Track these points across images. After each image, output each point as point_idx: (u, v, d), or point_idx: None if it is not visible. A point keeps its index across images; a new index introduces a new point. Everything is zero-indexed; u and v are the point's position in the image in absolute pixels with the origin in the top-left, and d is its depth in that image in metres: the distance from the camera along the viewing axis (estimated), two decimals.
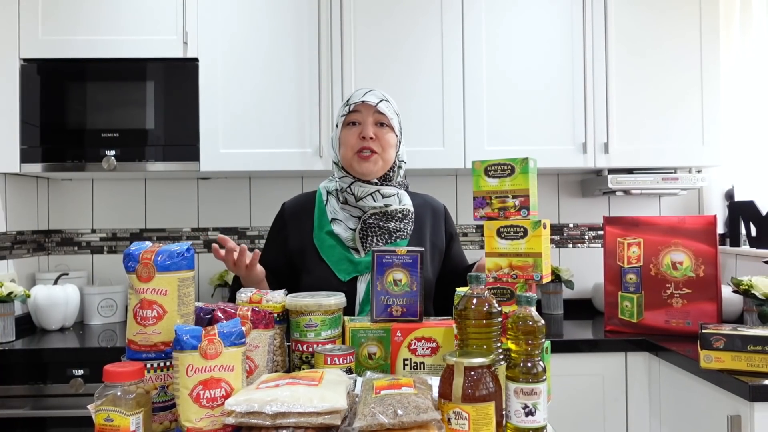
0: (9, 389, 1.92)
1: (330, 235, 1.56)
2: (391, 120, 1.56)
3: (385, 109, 1.55)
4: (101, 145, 2.23)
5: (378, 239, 1.53)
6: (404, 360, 1.20)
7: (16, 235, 2.38)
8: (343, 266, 1.52)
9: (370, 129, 1.53)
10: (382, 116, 1.55)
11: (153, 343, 1.05)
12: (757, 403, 1.47)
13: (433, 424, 0.90)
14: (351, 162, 1.55)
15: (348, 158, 1.56)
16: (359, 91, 1.59)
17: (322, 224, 1.58)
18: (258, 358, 1.14)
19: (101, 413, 0.95)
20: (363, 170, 1.54)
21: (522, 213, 1.19)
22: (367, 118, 1.54)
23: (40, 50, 2.24)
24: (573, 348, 2.00)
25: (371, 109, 1.54)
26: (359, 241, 1.53)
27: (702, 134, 2.33)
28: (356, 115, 1.55)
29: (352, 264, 1.52)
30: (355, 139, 1.54)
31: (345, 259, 1.53)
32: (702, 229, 2.03)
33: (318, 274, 1.53)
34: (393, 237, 1.55)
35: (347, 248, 1.54)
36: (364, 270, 1.51)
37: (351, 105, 1.56)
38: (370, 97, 1.55)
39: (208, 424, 0.96)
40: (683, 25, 2.33)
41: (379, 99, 1.55)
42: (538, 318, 1.00)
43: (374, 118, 1.55)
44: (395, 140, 1.58)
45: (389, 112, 1.56)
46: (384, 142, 1.55)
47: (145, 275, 1.05)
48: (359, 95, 1.57)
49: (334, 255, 1.54)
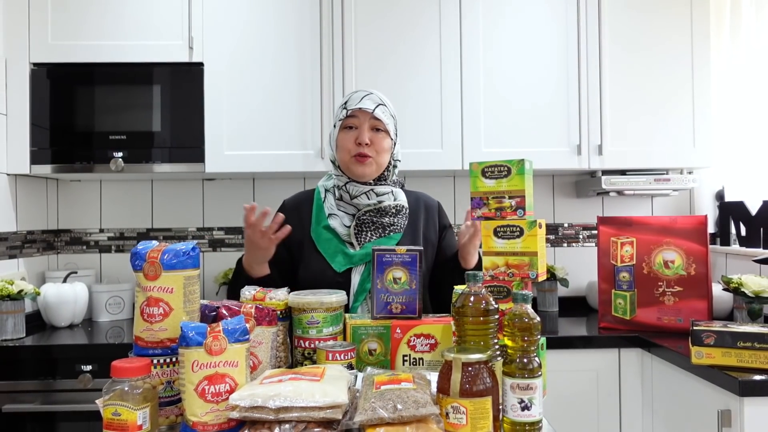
0: (19, 384, 1.92)
1: (327, 230, 1.57)
2: (387, 125, 1.56)
3: (381, 114, 1.54)
4: (109, 147, 2.23)
5: (372, 233, 1.55)
6: (404, 356, 1.20)
7: (27, 235, 2.38)
8: (338, 258, 1.54)
9: (365, 135, 1.53)
10: (378, 122, 1.55)
11: (159, 339, 1.05)
12: (746, 397, 1.47)
13: (432, 418, 0.91)
14: (347, 165, 1.56)
15: (345, 161, 1.56)
16: (357, 95, 1.58)
17: (319, 219, 1.59)
18: (261, 354, 1.14)
19: (109, 408, 0.95)
20: (358, 173, 1.55)
21: (518, 213, 1.19)
22: (364, 124, 1.54)
23: (49, 55, 2.24)
24: (568, 344, 2.00)
25: (368, 115, 1.54)
26: (354, 236, 1.54)
27: (693, 136, 2.33)
28: (353, 120, 1.55)
29: (347, 256, 1.53)
30: (352, 143, 1.54)
31: (340, 251, 1.54)
32: (693, 228, 2.03)
33: (315, 266, 1.55)
34: (387, 231, 1.56)
35: (343, 242, 1.56)
36: (358, 262, 1.52)
37: (348, 110, 1.55)
38: (367, 103, 1.54)
39: (213, 419, 0.96)
40: (675, 30, 2.33)
41: (375, 104, 1.55)
42: (533, 315, 1.00)
43: (370, 124, 1.55)
44: (390, 144, 1.58)
45: (385, 117, 1.55)
46: (379, 147, 1.55)
47: (152, 274, 1.05)
48: (356, 100, 1.56)
49: (330, 248, 1.55)
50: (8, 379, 1.92)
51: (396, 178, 1.66)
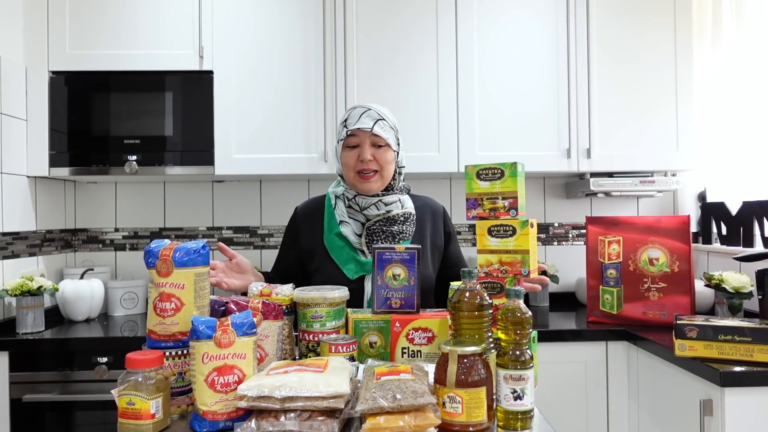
0: (39, 375, 1.92)
1: (339, 237, 1.55)
2: (387, 139, 1.51)
3: (380, 131, 1.50)
4: (124, 150, 2.23)
5: (382, 242, 1.52)
6: (402, 348, 1.20)
7: (46, 234, 2.38)
8: (351, 266, 1.51)
9: (367, 152, 1.49)
10: (378, 138, 1.50)
11: (171, 333, 1.05)
12: (727, 388, 1.47)
13: (429, 407, 0.91)
14: (353, 182, 1.53)
15: (350, 178, 1.53)
16: (355, 112, 1.52)
17: (331, 227, 1.57)
18: (268, 346, 1.14)
19: (124, 397, 0.95)
20: (364, 189, 1.52)
21: (511, 213, 1.19)
22: (365, 142, 1.50)
23: (67, 63, 2.24)
24: (558, 337, 1.99)
25: (367, 133, 1.50)
26: (365, 245, 1.52)
27: (677, 141, 2.33)
28: (354, 139, 1.51)
29: (359, 264, 1.51)
30: (355, 161, 1.51)
31: (352, 259, 1.52)
32: (676, 228, 2.03)
33: (328, 273, 1.52)
34: (396, 239, 1.53)
35: (354, 249, 1.53)
36: (370, 270, 1.50)
37: (348, 129, 1.51)
38: (365, 121, 1.50)
39: (222, 408, 0.96)
40: (659, 39, 2.33)
41: (374, 121, 1.50)
42: (525, 310, 1.00)
43: (371, 141, 1.50)
44: (393, 156, 1.54)
45: (384, 132, 1.51)
46: (382, 162, 1.51)
47: (164, 270, 1.05)
48: (355, 119, 1.51)
49: (342, 255, 1.53)
50: (28, 371, 1.92)
51: (402, 184, 1.61)
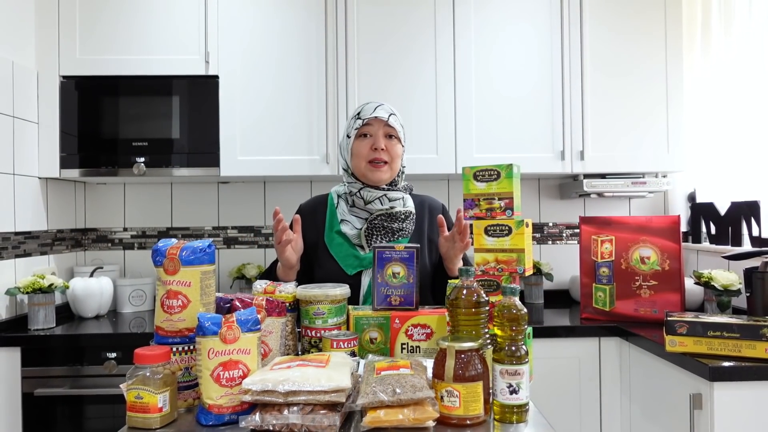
0: (50, 370, 1.92)
1: (339, 234, 1.55)
2: (399, 132, 1.55)
3: (394, 122, 1.54)
4: (132, 152, 2.23)
5: (382, 238, 1.53)
6: (402, 344, 1.20)
7: (56, 233, 2.38)
8: (349, 261, 1.52)
9: (381, 141, 1.52)
10: (392, 129, 1.54)
11: (178, 329, 1.05)
12: (716, 382, 1.47)
13: (428, 401, 0.91)
14: (364, 171, 1.54)
15: (361, 167, 1.54)
16: (370, 105, 1.57)
17: (332, 224, 1.57)
18: (272, 342, 1.14)
19: (132, 391, 0.95)
20: (374, 178, 1.53)
21: (507, 213, 1.19)
22: (378, 131, 1.53)
23: (77, 68, 2.24)
24: (552, 333, 1.99)
25: (382, 123, 1.53)
26: (364, 239, 1.52)
27: (667, 143, 2.33)
28: (368, 128, 1.54)
29: (358, 259, 1.51)
30: (368, 150, 1.52)
31: (351, 255, 1.52)
32: (667, 227, 2.03)
33: (328, 268, 1.53)
34: (396, 236, 1.54)
35: (354, 245, 1.54)
36: (368, 265, 1.50)
37: (364, 119, 1.54)
38: (381, 112, 1.54)
39: (228, 401, 0.96)
40: (651, 47, 2.33)
41: (389, 113, 1.55)
42: (521, 307, 1.00)
43: (384, 131, 1.53)
44: (401, 151, 1.57)
45: (397, 125, 1.55)
46: (393, 153, 1.54)
47: (171, 269, 1.05)
48: (371, 109, 1.55)
49: (341, 251, 1.53)
50: (40, 366, 1.92)
51: (405, 184, 1.63)
